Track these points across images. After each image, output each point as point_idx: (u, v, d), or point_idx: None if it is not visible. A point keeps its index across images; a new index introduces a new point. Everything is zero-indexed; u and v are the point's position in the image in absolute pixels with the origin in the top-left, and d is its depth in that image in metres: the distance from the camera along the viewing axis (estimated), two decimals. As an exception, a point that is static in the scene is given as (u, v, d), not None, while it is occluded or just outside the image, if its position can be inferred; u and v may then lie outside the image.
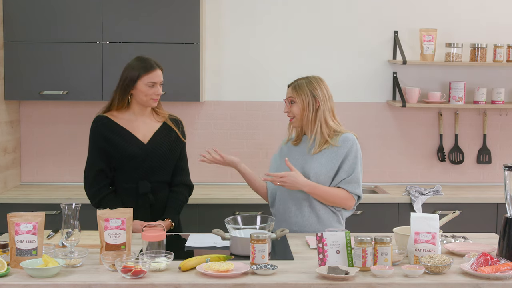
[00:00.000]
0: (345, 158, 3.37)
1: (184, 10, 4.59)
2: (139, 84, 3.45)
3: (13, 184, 4.84)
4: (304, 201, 3.40)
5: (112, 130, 3.48)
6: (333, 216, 3.43)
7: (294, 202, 3.42)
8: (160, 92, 3.49)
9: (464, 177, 5.08)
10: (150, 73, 3.45)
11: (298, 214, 3.41)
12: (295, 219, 3.42)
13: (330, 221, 3.42)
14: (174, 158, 3.58)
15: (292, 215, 3.42)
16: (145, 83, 3.44)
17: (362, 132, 4.97)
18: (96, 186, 3.49)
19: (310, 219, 3.40)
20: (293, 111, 3.45)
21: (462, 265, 2.71)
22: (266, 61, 4.99)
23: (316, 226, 3.39)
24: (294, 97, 3.44)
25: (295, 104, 3.44)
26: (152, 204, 3.51)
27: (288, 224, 3.42)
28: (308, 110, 3.41)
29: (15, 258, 2.73)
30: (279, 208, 3.48)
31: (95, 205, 3.48)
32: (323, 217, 3.41)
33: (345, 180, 3.36)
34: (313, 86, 3.44)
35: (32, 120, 4.97)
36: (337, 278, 2.58)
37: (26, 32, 4.59)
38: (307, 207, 3.40)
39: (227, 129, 5.02)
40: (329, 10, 4.98)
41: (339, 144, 3.39)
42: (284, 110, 3.48)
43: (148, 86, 3.45)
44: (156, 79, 3.46)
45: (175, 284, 2.56)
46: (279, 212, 3.47)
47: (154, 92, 3.46)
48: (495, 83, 5.01)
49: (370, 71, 5.02)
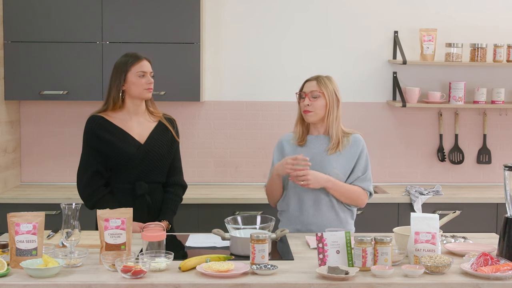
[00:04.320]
0: (359, 157, 3.44)
1: (184, 10, 4.59)
2: (129, 76, 3.44)
3: (13, 184, 4.84)
4: (323, 201, 3.41)
5: (107, 130, 3.45)
6: (348, 213, 3.48)
7: (311, 202, 3.41)
8: (152, 81, 3.48)
9: (464, 177, 5.08)
10: (138, 63, 3.45)
11: (317, 215, 3.41)
12: (314, 219, 3.41)
13: (346, 218, 3.46)
14: (170, 158, 3.57)
15: (310, 216, 3.42)
16: (135, 73, 3.44)
17: (362, 132, 4.89)
18: (91, 188, 3.43)
19: (330, 217, 3.41)
20: (316, 106, 3.41)
21: (462, 265, 2.71)
22: (266, 61, 4.99)
23: (335, 224, 3.41)
24: (318, 91, 3.41)
25: (319, 99, 3.42)
26: (148, 205, 3.49)
27: (305, 225, 3.42)
28: (332, 107, 3.43)
29: (15, 258, 2.73)
30: (294, 211, 3.45)
31: (90, 207, 3.45)
32: (341, 215, 3.43)
33: (360, 178, 3.43)
34: (334, 85, 3.48)
35: (32, 120, 4.96)
36: (337, 278, 2.58)
37: (26, 32, 4.59)
38: (326, 206, 3.41)
39: (227, 129, 5.01)
40: (329, 10, 4.98)
41: (351, 144, 3.43)
42: (305, 103, 3.41)
43: (138, 76, 3.44)
44: (145, 68, 3.46)
45: (175, 284, 2.56)
46: (293, 215, 3.45)
47: (146, 82, 3.45)
48: (495, 83, 5.01)
49: (370, 71, 5.02)
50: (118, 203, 3.37)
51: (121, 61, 3.48)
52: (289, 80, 4.94)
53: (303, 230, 3.41)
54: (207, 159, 5.01)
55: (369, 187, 3.45)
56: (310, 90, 3.44)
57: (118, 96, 3.46)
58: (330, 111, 3.43)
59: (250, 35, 4.98)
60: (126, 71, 3.44)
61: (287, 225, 3.45)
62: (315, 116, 3.43)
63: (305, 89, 3.46)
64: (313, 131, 3.51)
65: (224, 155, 5.01)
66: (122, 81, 3.44)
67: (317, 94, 3.41)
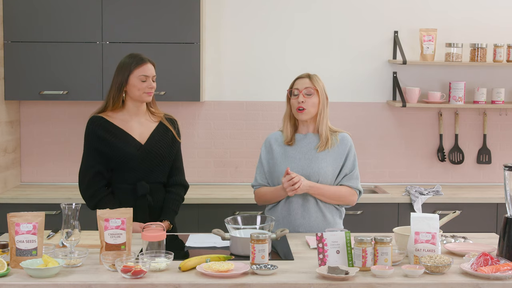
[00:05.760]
0: (347, 156, 3.43)
1: (184, 10, 4.59)
2: (131, 78, 3.43)
3: (13, 184, 4.84)
4: (310, 203, 3.40)
5: (108, 130, 3.45)
6: (336, 213, 3.46)
7: (300, 204, 3.41)
8: (153, 85, 3.47)
9: (464, 177, 5.08)
10: (141, 67, 3.44)
11: (306, 215, 3.40)
12: (302, 220, 3.41)
13: (334, 218, 3.44)
14: (171, 158, 3.57)
15: (298, 217, 3.41)
16: (137, 76, 3.43)
17: (362, 132, 4.97)
18: (93, 188, 3.44)
19: (317, 219, 3.40)
20: (310, 103, 3.39)
21: (462, 265, 2.71)
22: (266, 61, 4.99)
23: (323, 225, 3.40)
24: (312, 88, 3.40)
25: (313, 96, 3.40)
26: (150, 205, 3.49)
27: (293, 226, 3.42)
28: (323, 105, 3.42)
29: (15, 258, 2.73)
30: (282, 211, 3.45)
31: (92, 207, 3.45)
32: (328, 216, 3.42)
33: (348, 176, 3.42)
34: (322, 82, 3.46)
35: (32, 120, 4.97)
36: (337, 278, 2.58)
37: (26, 32, 4.59)
38: (313, 207, 3.40)
39: (227, 129, 5.02)
40: (329, 10, 4.98)
41: (339, 142, 3.42)
42: (299, 100, 3.38)
43: (140, 80, 3.43)
44: (147, 72, 3.45)
45: (175, 284, 2.56)
46: (282, 216, 3.45)
47: (147, 86, 3.45)
48: (495, 83, 5.01)
49: (370, 71, 5.02)
50: (119, 203, 3.38)
51: (125, 62, 3.48)
52: (289, 80, 4.91)
53: (291, 231, 3.38)
54: (207, 159, 5.01)
55: (357, 185, 3.44)
56: (304, 87, 3.41)
57: (118, 96, 3.46)
58: (322, 109, 3.42)
59: (250, 35, 4.98)
60: (128, 73, 3.44)
61: (274, 226, 3.42)
62: (308, 114, 3.41)
63: (298, 86, 3.42)
64: (301, 129, 3.49)
65: (224, 155, 5.01)
66: (124, 82, 3.44)
67: (311, 91, 3.40)
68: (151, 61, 3.51)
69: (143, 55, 3.50)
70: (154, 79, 3.50)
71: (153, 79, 3.48)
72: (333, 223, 3.43)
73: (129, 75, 3.43)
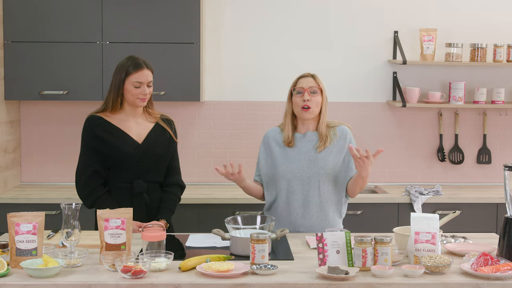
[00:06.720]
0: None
1: (184, 10, 4.59)
2: (126, 83, 3.43)
3: (13, 184, 4.84)
4: (311, 203, 3.40)
5: (105, 129, 3.45)
6: (336, 213, 3.45)
7: (300, 204, 3.41)
8: (147, 92, 3.45)
9: (464, 177, 5.08)
10: (136, 73, 3.42)
11: (306, 216, 3.41)
12: (302, 221, 3.41)
13: (334, 217, 3.45)
14: (167, 158, 3.57)
15: (299, 217, 3.41)
16: (131, 82, 3.42)
17: (362, 132, 4.97)
18: (90, 187, 3.44)
19: (317, 219, 3.40)
20: (314, 102, 3.40)
21: (462, 265, 2.71)
22: (266, 61, 4.99)
23: (323, 225, 3.40)
24: (317, 87, 3.40)
25: (317, 95, 3.41)
26: (147, 204, 3.49)
27: (294, 226, 3.42)
28: (325, 104, 3.44)
29: (15, 258, 2.73)
30: (282, 211, 3.45)
31: (88, 206, 3.46)
32: (328, 216, 3.42)
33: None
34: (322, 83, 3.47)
35: (32, 120, 4.97)
36: (337, 278, 2.58)
37: (26, 32, 4.59)
38: (314, 207, 3.40)
39: (227, 129, 5.02)
40: (329, 10, 4.98)
41: (338, 136, 3.43)
42: (305, 99, 3.38)
43: (134, 86, 3.42)
44: (142, 79, 3.43)
45: (175, 284, 2.56)
46: (282, 216, 3.45)
47: (140, 92, 3.43)
48: (495, 83, 5.01)
49: (370, 71, 5.02)
50: (116, 202, 3.39)
51: (122, 65, 3.47)
52: (289, 80, 4.90)
53: (291, 231, 3.38)
54: (207, 159, 5.01)
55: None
56: (309, 85, 3.41)
57: (116, 98, 3.47)
58: (324, 108, 3.43)
59: (250, 35, 4.98)
60: (124, 76, 3.43)
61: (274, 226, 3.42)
62: (313, 113, 3.42)
63: (303, 85, 3.42)
64: (300, 129, 3.49)
65: (224, 155, 5.01)
66: (121, 84, 3.44)
67: (316, 89, 3.40)
68: (148, 66, 3.48)
69: (141, 60, 3.48)
70: (150, 84, 3.47)
71: (148, 85, 3.46)
72: (333, 223, 3.43)
73: (125, 79, 3.43)
